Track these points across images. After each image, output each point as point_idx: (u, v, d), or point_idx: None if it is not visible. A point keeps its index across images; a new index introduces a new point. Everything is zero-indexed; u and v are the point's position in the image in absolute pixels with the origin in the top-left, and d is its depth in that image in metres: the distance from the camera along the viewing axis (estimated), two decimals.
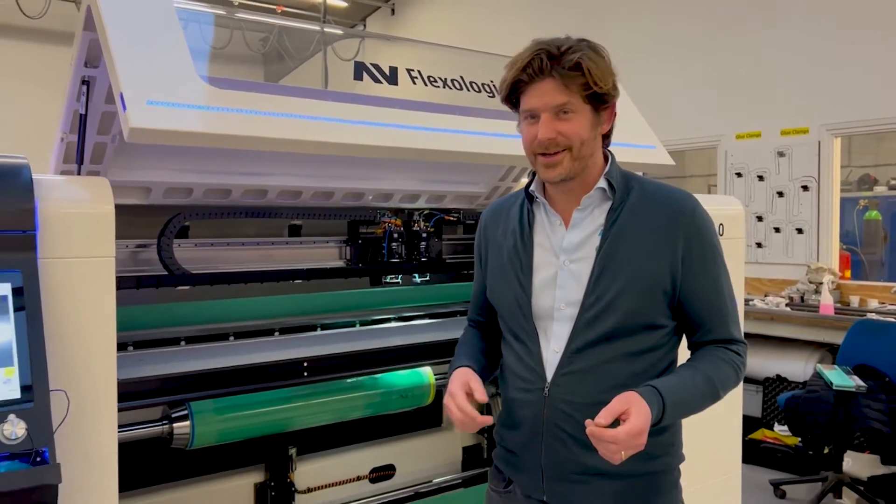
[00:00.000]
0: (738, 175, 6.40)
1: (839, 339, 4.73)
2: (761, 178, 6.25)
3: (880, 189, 6.40)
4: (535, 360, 1.63)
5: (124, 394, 1.97)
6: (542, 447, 1.61)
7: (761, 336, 5.46)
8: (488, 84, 2.63)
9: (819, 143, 5.89)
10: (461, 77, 2.53)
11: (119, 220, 1.78)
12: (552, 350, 1.61)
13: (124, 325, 2.17)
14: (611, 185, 1.63)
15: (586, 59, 1.55)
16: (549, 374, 1.61)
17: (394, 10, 10.74)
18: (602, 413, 1.42)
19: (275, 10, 10.38)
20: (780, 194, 6.13)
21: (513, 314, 1.67)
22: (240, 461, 3.11)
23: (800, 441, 4.62)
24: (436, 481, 3.54)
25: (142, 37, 1.86)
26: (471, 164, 3.05)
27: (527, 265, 1.66)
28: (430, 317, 3.45)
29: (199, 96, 1.84)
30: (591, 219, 1.63)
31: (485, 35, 9.07)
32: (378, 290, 3.33)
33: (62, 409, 1.61)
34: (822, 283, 5.48)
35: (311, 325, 3.15)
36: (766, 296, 5.86)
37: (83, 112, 2.12)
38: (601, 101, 1.59)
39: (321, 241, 3.16)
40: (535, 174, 1.69)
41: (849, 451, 4.37)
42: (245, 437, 2.79)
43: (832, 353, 4.94)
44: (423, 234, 3.29)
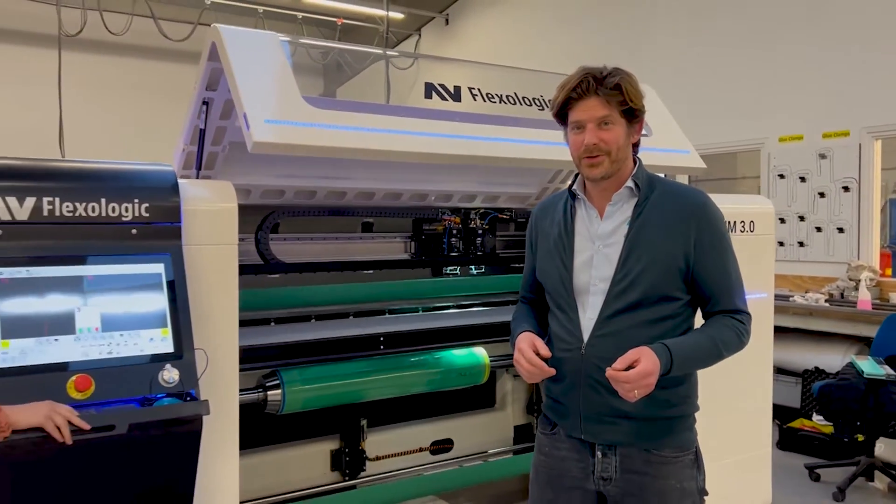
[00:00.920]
0: (781, 176, 6.62)
1: (875, 333, 4.95)
2: (803, 179, 6.46)
3: None
4: (575, 326, 1.98)
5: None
6: (580, 395, 1.98)
7: (801, 330, 5.70)
8: (538, 98, 3.01)
9: (860, 145, 6.09)
10: (514, 93, 2.92)
11: None
12: (588, 318, 1.96)
13: None
14: (637, 184, 1.99)
15: (623, 82, 1.92)
16: (586, 337, 1.96)
17: (448, 21, 11.18)
18: (618, 360, 1.79)
19: (335, 23, 10.94)
20: (822, 195, 6.33)
21: (557, 289, 2.05)
22: (318, 431, 3.55)
23: (833, 428, 4.85)
24: (490, 452, 3.93)
25: (258, 67, 2.30)
26: (522, 168, 3.42)
27: (569, 249, 2.02)
28: (485, 305, 3.85)
29: (303, 115, 2.27)
30: (621, 212, 1.98)
31: (535, 44, 9.43)
32: (438, 279, 3.75)
33: (202, 363, 2.06)
34: (860, 280, 5.68)
35: (381, 310, 3.59)
36: (806, 292, 6.08)
37: (202, 127, 2.58)
38: (634, 115, 1.95)
39: (389, 236, 3.59)
40: (576, 176, 2.07)
41: (882, 438, 4.59)
42: (325, 405, 3.20)
43: (869, 346, 5.15)
44: (479, 231, 3.70)
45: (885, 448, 4.70)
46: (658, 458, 1.94)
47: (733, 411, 3.51)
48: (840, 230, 6.23)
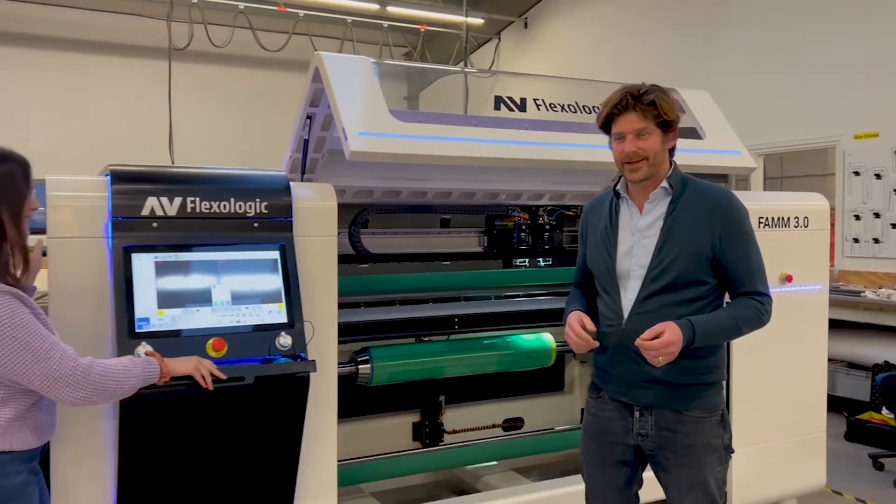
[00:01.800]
0: (856, 174, 6.66)
1: None
2: (878, 176, 6.49)
3: None
4: (617, 306, 2.33)
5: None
6: (621, 364, 2.34)
7: (872, 325, 5.78)
8: (598, 107, 3.34)
9: None
10: (576, 102, 3.27)
11: None
12: (628, 298, 2.31)
13: None
14: (671, 184, 2.31)
15: (658, 98, 2.25)
16: (626, 315, 2.30)
17: (527, 24, 11.50)
18: (646, 332, 2.15)
19: (419, 30, 11.45)
20: None
21: (603, 275, 2.41)
22: (402, 405, 4.00)
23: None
24: (557, 429, 4.28)
25: (353, 87, 2.75)
26: (586, 169, 3.76)
27: (613, 240, 2.36)
28: (551, 294, 4.20)
29: (391, 127, 2.71)
30: (657, 208, 2.32)
31: (612, 46, 9.64)
32: (508, 270, 4.13)
33: (309, 332, 2.52)
34: None
35: (457, 297, 4.00)
36: (879, 288, 6.13)
37: (306, 138, 3.05)
38: (668, 125, 2.28)
39: (465, 231, 4.00)
40: (620, 178, 2.42)
41: None
42: (407, 380, 3.64)
43: None
44: (547, 227, 4.06)
45: None
46: (688, 417, 2.28)
47: (789, 395, 3.74)
48: None
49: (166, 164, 8.88)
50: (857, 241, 6.61)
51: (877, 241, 6.51)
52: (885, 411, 5.43)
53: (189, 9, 10.11)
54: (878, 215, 6.53)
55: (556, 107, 3.19)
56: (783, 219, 3.68)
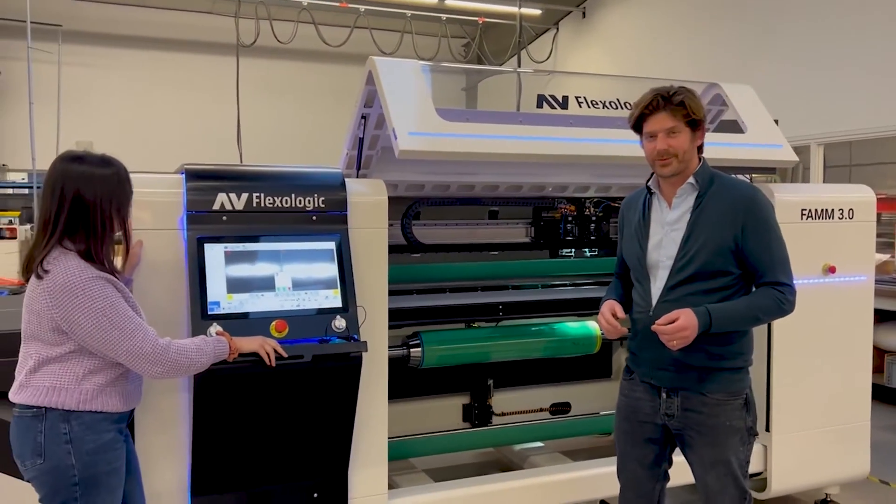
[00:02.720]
0: None
1: None
2: None
3: None
4: (647, 294, 2.50)
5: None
6: (649, 348, 2.49)
7: None
8: None
9: None
10: (617, 98, 3.40)
11: None
12: (657, 287, 2.47)
13: None
14: (697, 180, 2.44)
15: (687, 99, 2.39)
16: (654, 303, 2.46)
17: (585, 14, 11.52)
18: (662, 317, 2.32)
19: (477, 21, 11.60)
20: None
21: (636, 265, 2.57)
22: (452, 387, 4.21)
23: None
24: (602, 413, 4.41)
25: (403, 89, 2.96)
26: (626, 164, 3.88)
27: (645, 233, 2.52)
28: (597, 284, 4.33)
29: (437, 126, 2.91)
30: (685, 203, 2.45)
31: (670, 33, 9.60)
32: (555, 260, 4.29)
33: (362, 316, 2.75)
34: None
35: (505, 286, 4.18)
36: None
37: (361, 136, 3.28)
38: (696, 125, 2.42)
39: (512, 222, 4.17)
40: (651, 175, 2.56)
41: None
42: (456, 363, 3.84)
43: None
44: (593, 218, 4.20)
45: None
46: (712, 400, 2.42)
47: (832, 385, 3.79)
48: None
49: (234, 159, 9.30)
50: None
51: None
52: None
53: (256, 6, 10.50)
54: None
55: (597, 103, 3.33)
56: (827, 211, 3.72)
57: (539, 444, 4.10)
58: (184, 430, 2.64)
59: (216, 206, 2.63)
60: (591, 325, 4.02)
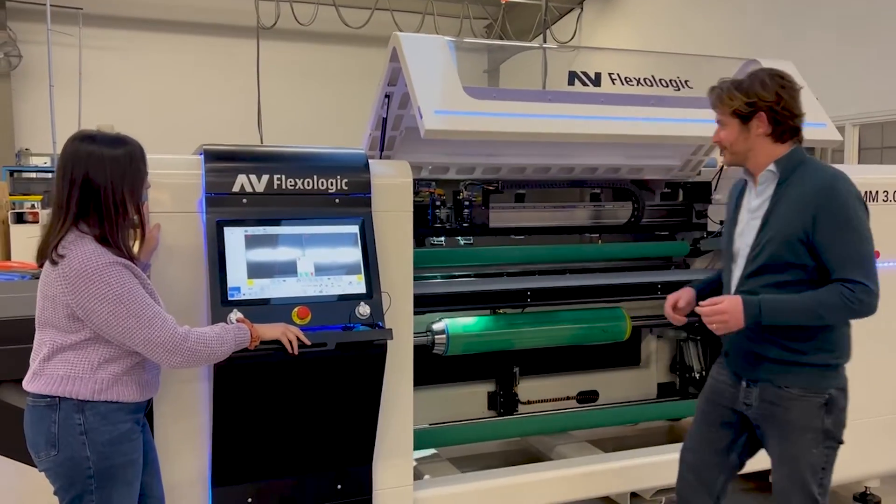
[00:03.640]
0: None
1: None
2: None
3: None
4: (728, 282, 2.47)
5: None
6: (732, 339, 2.43)
7: None
8: (675, 80, 3.32)
9: None
10: (652, 75, 3.26)
11: None
12: (736, 276, 2.42)
13: None
14: (778, 169, 2.35)
15: (726, 91, 2.37)
16: (732, 291, 2.43)
17: None
18: (707, 300, 2.32)
19: (499, 1, 11.40)
20: None
21: (724, 251, 2.52)
22: (478, 374, 4.11)
23: None
24: (632, 401, 4.30)
25: (428, 66, 2.83)
26: (660, 143, 3.73)
27: (733, 221, 2.50)
28: (627, 269, 4.21)
29: (464, 104, 2.79)
30: (766, 191, 2.38)
31: (699, 13, 9.34)
32: (585, 245, 4.15)
33: (387, 302, 2.65)
34: None
35: (531, 272, 4.05)
36: None
37: (385, 116, 3.17)
38: (745, 116, 2.34)
39: (539, 205, 4.03)
40: None
41: None
42: (482, 350, 3.74)
43: None
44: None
45: None
46: (787, 394, 2.34)
47: (872, 374, 3.64)
48: None
49: (255, 141, 9.23)
50: None
51: None
52: None
53: None
54: None
55: (631, 80, 3.19)
56: (870, 193, 3.56)
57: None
58: (204, 420, 2.56)
59: (236, 189, 2.53)
60: (622, 312, 3.90)
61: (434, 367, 3.86)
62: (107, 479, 2.05)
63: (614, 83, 3.15)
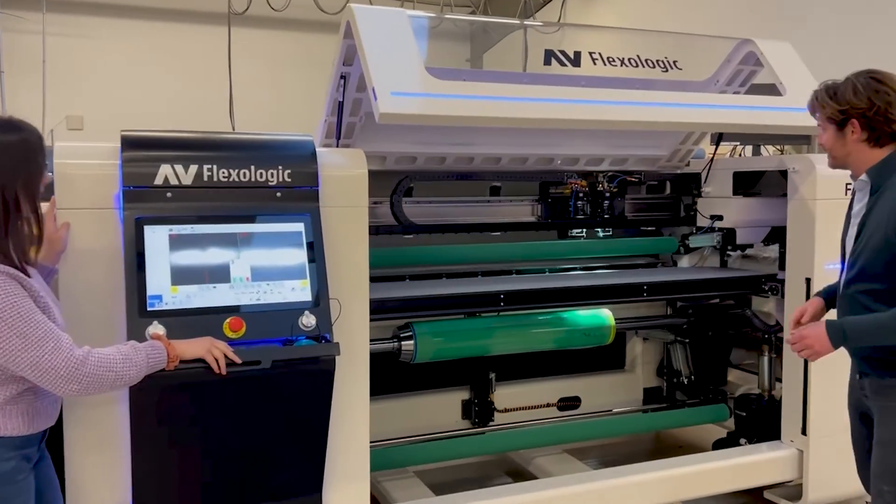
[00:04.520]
0: None
1: None
2: None
3: None
4: (839, 286, 2.41)
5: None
6: None
7: None
8: (662, 60, 3.01)
9: None
10: (637, 56, 2.94)
11: None
12: (842, 281, 2.39)
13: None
14: (869, 175, 2.30)
15: (818, 96, 2.35)
16: (839, 294, 2.40)
17: None
18: (794, 329, 2.37)
19: None
20: None
21: (841, 255, 2.45)
22: (451, 381, 3.80)
23: None
24: (615, 411, 4.01)
25: (386, 42, 2.50)
26: (648, 130, 3.43)
27: (847, 224, 2.44)
28: (611, 267, 3.91)
29: (426, 86, 2.46)
30: (864, 197, 2.34)
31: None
32: (565, 242, 3.85)
33: (336, 311, 2.32)
34: None
35: (508, 270, 3.75)
36: None
37: (341, 100, 2.83)
38: (836, 123, 2.30)
39: (516, 199, 3.72)
40: None
41: None
42: (454, 357, 3.43)
43: None
44: (607, 194, 3.74)
45: None
46: (886, 384, 2.31)
47: None
48: None
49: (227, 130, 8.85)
50: None
51: None
52: None
53: None
54: None
55: (614, 61, 2.87)
56: None
57: None
58: (123, 448, 2.22)
59: (159, 181, 2.20)
60: (604, 314, 3.59)
61: (403, 374, 3.55)
62: None
63: (595, 63, 2.84)
